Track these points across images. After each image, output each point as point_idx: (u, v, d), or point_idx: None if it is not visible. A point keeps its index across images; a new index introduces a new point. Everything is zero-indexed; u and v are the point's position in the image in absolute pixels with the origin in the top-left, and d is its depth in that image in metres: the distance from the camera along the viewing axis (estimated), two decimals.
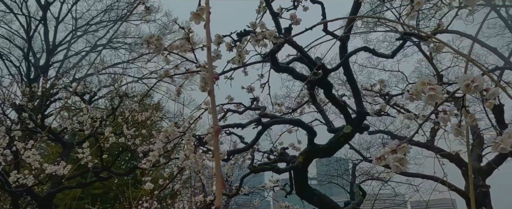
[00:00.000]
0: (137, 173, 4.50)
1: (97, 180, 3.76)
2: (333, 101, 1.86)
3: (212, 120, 1.50)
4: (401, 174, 8.45)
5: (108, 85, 4.70)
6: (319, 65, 1.49)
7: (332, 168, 10.57)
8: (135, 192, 5.14)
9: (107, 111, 4.32)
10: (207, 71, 1.35)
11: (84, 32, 11.67)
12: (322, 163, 10.76)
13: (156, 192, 1.78)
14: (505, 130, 0.72)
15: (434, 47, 1.03)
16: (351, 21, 1.76)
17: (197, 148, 1.32)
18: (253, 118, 1.80)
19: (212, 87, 0.30)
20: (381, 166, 3.26)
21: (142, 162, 1.15)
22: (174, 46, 1.58)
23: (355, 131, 1.91)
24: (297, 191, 2.05)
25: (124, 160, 8.59)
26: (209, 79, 0.32)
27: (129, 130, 3.68)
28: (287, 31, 1.36)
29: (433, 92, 0.77)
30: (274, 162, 2.16)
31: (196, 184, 3.48)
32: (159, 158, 2.73)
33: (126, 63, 10.79)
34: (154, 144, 1.24)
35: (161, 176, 3.48)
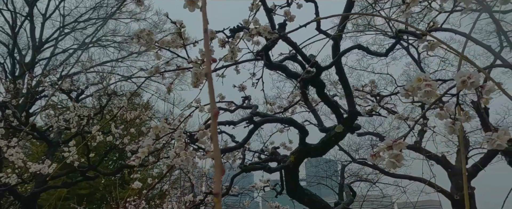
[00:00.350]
0: (125, 173, 4.42)
1: (83, 179, 3.67)
2: (325, 100, 1.86)
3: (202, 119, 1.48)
4: (389, 176, 8.56)
5: (96, 83, 4.60)
6: (312, 62, 1.48)
7: (322, 169, 10.62)
8: (123, 193, 5.05)
9: (95, 109, 4.24)
10: (198, 67, 1.33)
11: (72, 29, 11.45)
12: (312, 164, 10.80)
13: (144, 192, 1.74)
14: (501, 127, 0.72)
15: (428, 45, 1.03)
16: (344, 20, 1.76)
17: (187, 145, 1.29)
18: (245, 116, 1.78)
19: (209, 70, 0.28)
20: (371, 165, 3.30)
21: (131, 159, 1.12)
22: (165, 41, 1.55)
23: (346, 130, 1.91)
24: (288, 190, 2.04)
25: (112, 160, 8.45)
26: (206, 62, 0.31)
27: (117, 128, 3.61)
28: (281, 26, 1.35)
29: (429, 88, 0.77)
30: (265, 161, 2.14)
31: (185, 184, 3.43)
32: (148, 157, 2.69)
33: (115, 62, 10.63)
34: (144, 141, 1.21)
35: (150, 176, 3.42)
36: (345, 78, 1.94)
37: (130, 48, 11.17)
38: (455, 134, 0.88)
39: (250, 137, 1.72)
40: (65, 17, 11.19)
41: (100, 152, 5.79)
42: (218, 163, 0.24)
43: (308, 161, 10.81)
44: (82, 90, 4.33)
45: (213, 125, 0.26)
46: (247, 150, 2.20)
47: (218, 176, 0.24)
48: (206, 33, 0.35)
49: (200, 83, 1.43)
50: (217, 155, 0.24)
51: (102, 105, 4.06)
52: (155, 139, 1.32)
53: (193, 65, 1.35)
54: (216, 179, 0.24)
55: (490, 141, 0.71)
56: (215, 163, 0.25)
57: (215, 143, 0.25)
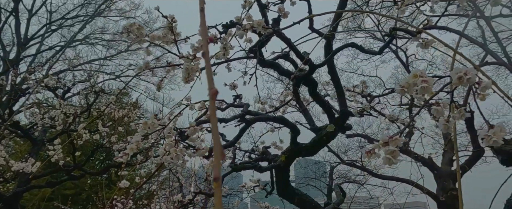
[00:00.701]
0: (112, 173, 4.33)
1: (68, 179, 3.57)
2: (317, 100, 1.85)
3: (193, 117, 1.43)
4: (377, 177, 8.66)
5: (83, 81, 4.50)
6: (306, 59, 1.46)
7: (310, 170, 10.66)
8: (109, 193, 4.94)
9: (81, 107, 4.14)
10: (190, 62, 1.30)
11: (59, 26, 11.20)
12: (301, 165, 10.84)
13: (132, 191, 1.69)
14: (496, 124, 0.72)
15: (422, 43, 1.02)
16: (337, 18, 1.75)
17: (178, 142, 1.26)
18: (236, 114, 1.76)
19: (206, 49, 0.26)
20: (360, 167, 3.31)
21: (118, 155, 1.08)
22: (156, 36, 1.51)
23: (338, 130, 1.91)
24: (278, 190, 2.02)
25: (99, 159, 8.28)
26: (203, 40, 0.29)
27: (105, 127, 3.53)
28: (275, 22, 1.33)
29: (426, 84, 0.76)
30: (255, 161, 2.12)
31: (174, 184, 3.38)
32: (137, 156, 2.63)
33: (103, 60, 10.45)
34: (132, 138, 1.17)
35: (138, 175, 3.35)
36: (337, 78, 1.94)
37: (119, 46, 11.00)
38: (449, 132, 0.88)
39: (241, 136, 1.70)
40: (52, 14, 10.96)
41: (86, 151, 5.66)
42: (217, 146, 0.22)
43: (297, 162, 10.85)
44: (69, 88, 4.22)
45: (212, 105, 0.24)
46: (237, 149, 2.18)
47: (217, 160, 0.22)
48: (203, 12, 0.33)
49: (191, 79, 1.40)
50: (216, 138, 0.22)
51: (89, 103, 3.97)
52: (144, 136, 1.29)
53: (184, 60, 1.32)
54: (215, 163, 0.22)
55: (486, 138, 0.70)
56: (214, 147, 0.22)
57: (214, 125, 0.23)
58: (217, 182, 0.22)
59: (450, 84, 0.92)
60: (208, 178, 2.32)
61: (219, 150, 0.22)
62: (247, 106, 1.87)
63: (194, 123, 1.24)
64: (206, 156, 1.86)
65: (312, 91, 1.77)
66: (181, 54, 1.35)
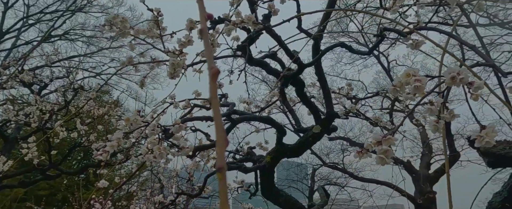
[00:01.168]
0: (90, 173, 4.18)
1: (43, 178, 3.41)
2: (304, 100, 1.83)
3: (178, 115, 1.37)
4: (357, 180, 8.79)
5: (62, 77, 4.32)
6: (296, 58, 1.44)
7: (293, 172, 10.71)
8: (87, 194, 4.77)
9: (59, 105, 3.97)
10: (176, 57, 1.25)
11: (37, 20, 10.79)
12: (284, 167, 10.87)
13: (111, 191, 1.62)
14: (488, 124, 0.72)
15: (413, 43, 1.02)
16: (325, 19, 1.75)
17: (161, 141, 1.21)
18: (222, 113, 1.72)
19: (204, 26, 0.22)
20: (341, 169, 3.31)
21: (98, 153, 1.02)
22: (141, 30, 1.45)
23: (324, 131, 1.90)
24: (263, 191, 1.99)
25: (76, 159, 8.00)
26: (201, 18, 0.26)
27: (83, 125, 3.39)
28: (266, 18, 1.30)
29: (419, 84, 0.75)
30: (240, 161, 2.09)
31: (155, 185, 3.29)
32: (117, 154, 2.54)
33: (83, 57, 10.13)
34: (113, 135, 1.11)
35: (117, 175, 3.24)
36: (324, 79, 1.93)
37: (100, 43, 10.71)
38: (439, 132, 0.87)
39: (227, 135, 1.66)
40: (29, 7, 10.55)
41: (63, 150, 5.45)
42: (220, 132, 0.19)
43: (280, 164, 10.87)
44: (46, 84, 4.05)
45: (213, 86, 0.21)
46: None
47: (221, 148, 0.19)
48: None
49: (177, 75, 1.36)
50: (218, 124, 0.19)
51: (67, 100, 3.82)
52: (126, 133, 1.23)
53: (170, 56, 1.28)
54: (218, 151, 0.19)
55: (478, 139, 0.70)
56: (217, 133, 0.19)
57: (215, 108, 0.20)
58: (221, 173, 0.19)
59: (439, 85, 0.92)
60: (191, 179, 2.27)
61: (222, 137, 0.19)
62: (233, 106, 1.84)
63: (179, 121, 1.19)
64: (190, 156, 1.81)
65: (299, 91, 1.76)
66: (167, 49, 1.31)
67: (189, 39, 1.27)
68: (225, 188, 0.19)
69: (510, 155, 0.92)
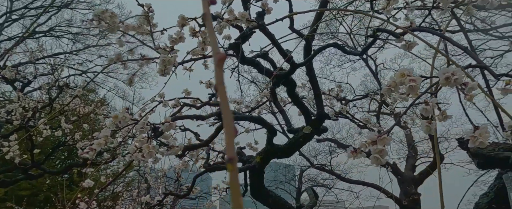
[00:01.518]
0: (74, 172, 4.07)
1: (24, 178, 3.30)
2: (295, 100, 1.83)
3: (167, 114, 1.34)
4: (344, 181, 8.87)
5: (46, 74, 4.20)
6: (289, 57, 1.44)
7: (280, 173, 10.72)
8: (70, 194, 4.65)
9: (43, 102, 3.86)
10: (167, 54, 1.23)
11: (21, 16, 10.49)
12: (271, 168, 10.88)
13: (96, 191, 1.58)
14: (481, 125, 0.72)
15: (406, 45, 1.03)
16: (317, 20, 1.75)
17: (150, 139, 1.18)
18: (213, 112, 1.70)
19: (207, 10, 0.21)
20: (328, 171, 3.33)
21: (84, 151, 0.99)
22: (130, 26, 1.42)
23: (314, 132, 1.90)
24: (252, 192, 1.98)
25: (60, 158, 7.79)
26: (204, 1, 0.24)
27: (68, 123, 3.30)
28: (259, 15, 1.29)
29: (414, 84, 0.75)
30: None
31: (142, 185, 3.23)
32: (103, 153, 2.48)
33: (68, 54, 9.90)
34: (100, 132, 1.08)
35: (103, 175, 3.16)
36: (315, 80, 1.93)
37: (87, 40, 10.49)
38: (431, 133, 0.88)
39: (217, 135, 1.64)
40: (13, 2, 10.25)
41: (46, 149, 5.30)
42: (228, 121, 0.17)
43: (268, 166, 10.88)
44: (29, 81, 3.93)
45: (219, 72, 0.19)
46: (211, 149, 2.11)
47: (230, 137, 0.17)
48: None
49: (167, 72, 1.33)
50: (226, 112, 0.17)
51: (51, 98, 3.71)
52: (113, 131, 1.20)
53: (161, 52, 1.25)
54: (228, 140, 0.17)
55: (472, 139, 0.70)
56: (225, 122, 0.18)
57: (222, 95, 0.18)
58: (232, 164, 0.17)
59: (432, 86, 0.92)
60: (179, 179, 2.23)
61: (231, 126, 0.18)
62: None
63: (169, 118, 1.16)
64: (179, 155, 1.78)
65: (290, 91, 1.75)
66: (157, 45, 1.28)
67: (180, 36, 1.25)
68: (236, 181, 0.17)
69: (499, 157, 0.94)
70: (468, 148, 1.04)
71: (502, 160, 0.91)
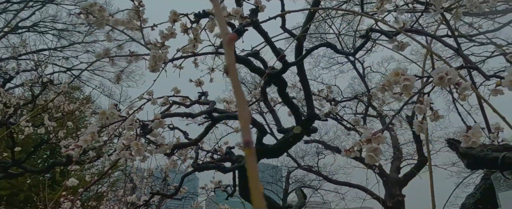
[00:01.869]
0: (57, 172, 3.96)
1: (4, 177, 3.18)
2: (286, 100, 1.82)
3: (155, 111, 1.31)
4: (331, 182, 8.95)
5: (29, 70, 4.07)
6: (282, 55, 1.43)
7: (268, 174, 10.73)
8: (52, 194, 4.52)
9: (25, 99, 3.74)
10: (158, 50, 1.20)
11: (2, 10, 10.17)
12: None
13: (80, 190, 1.53)
14: (474, 125, 0.73)
15: (398, 45, 1.03)
16: (309, 20, 1.75)
17: (139, 137, 1.15)
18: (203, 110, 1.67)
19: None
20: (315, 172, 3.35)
21: (69, 148, 0.95)
22: (120, 21, 1.39)
23: (304, 132, 1.89)
24: (241, 192, 1.96)
25: (41, 157, 7.57)
26: None
27: (52, 121, 3.20)
28: (253, 12, 1.28)
29: (408, 82, 0.76)
30: (218, 161, 2.04)
31: (127, 185, 3.16)
32: (89, 152, 2.41)
33: (53, 50, 9.65)
34: (87, 129, 1.04)
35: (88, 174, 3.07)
36: (306, 80, 1.93)
37: (72, 37, 10.25)
38: (422, 133, 0.88)
39: (206, 134, 1.61)
40: None
41: (27, 147, 5.14)
42: (242, 103, 0.16)
43: None
44: (11, 76, 3.80)
45: (229, 53, 0.18)
46: (199, 148, 2.08)
47: (245, 121, 0.16)
48: None
49: (157, 69, 1.30)
50: (239, 94, 0.16)
51: (34, 94, 3.60)
52: (100, 127, 1.16)
53: (151, 47, 1.22)
54: (243, 124, 0.16)
55: (465, 139, 0.71)
56: (239, 105, 0.16)
57: (233, 76, 0.17)
58: (249, 148, 0.16)
59: (425, 86, 0.93)
60: (166, 178, 2.19)
61: (245, 109, 0.16)
62: (213, 104, 1.80)
63: (159, 116, 1.14)
64: (168, 154, 1.74)
65: (281, 91, 1.74)
66: (148, 40, 1.25)
67: (171, 31, 1.22)
68: (255, 166, 0.16)
69: (488, 157, 0.95)
70: (457, 149, 1.06)
71: (491, 160, 0.93)
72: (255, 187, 0.15)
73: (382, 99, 2.57)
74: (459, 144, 1.12)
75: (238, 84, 0.16)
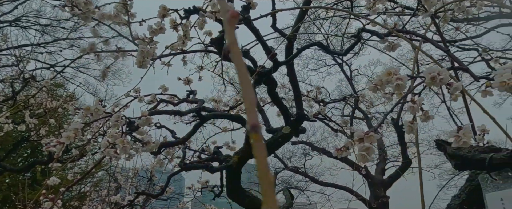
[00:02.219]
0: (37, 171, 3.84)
1: None
2: (275, 100, 1.81)
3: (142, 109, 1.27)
4: (317, 184, 9.00)
5: (10, 65, 3.93)
6: (273, 53, 1.41)
7: (255, 175, 10.72)
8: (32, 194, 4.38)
9: (5, 96, 3.61)
10: (146, 45, 1.17)
11: None
12: (246, 170, 10.84)
13: (62, 189, 1.47)
14: (464, 125, 0.73)
15: (390, 45, 1.03)
16: (299, 20, 1.75)
17: (125, 134, 1.11)
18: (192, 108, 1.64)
19: None
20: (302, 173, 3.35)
21: (50, 144, 0.91)
22: (107, 15, 1.34)
23: (293, 132, 1.89)
24: (228, 192, 1.93)
25: (22, 156, 7.33)
26: None
27: (33, 118, 3.09)
28: (245, 9, 1.26)
29: (401, 82, 0.75)
30: (206, 161, 2.01)
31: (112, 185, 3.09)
32: (72, 150, 2.34)
33: (36, 46, 9.37)
34: (70, 125, 1.00)
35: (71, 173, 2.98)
36: (295, 80, 1.93)
37: (56, 33, 9.98)
38: (413, 133, 0.88)
39: (195, 132, 1.58)
40: None
41: (7, 145, 4.97)
42: (247, 85, 0.14)
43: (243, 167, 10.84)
44: None
45: (231, 30, 0.16)
46: (187, 148, 2.05)
47: (251, 103, 0.14)
48: None
49: (145, 65, 1.27)
50: (243, 74, 0.14)
51: (15, 90, 3.47)
52: (84, 124, 1.12)
53: (139, 42, 1.19)
54: (248, 107, 0.14)
55: (456, 139, 0.71)
56: (243, 85, 0.14)
57: (237, 56, 0.15)
58: (256, 132, 0.14)
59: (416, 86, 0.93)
60: (152, 178, 2.15)
61: (250, 91, 0.14)
62: (202, 102, 1.77)
63: (146, 112, 1.10)
64: (155, 152, 1.71)
65: (271, 90, 1.73)
66: (136, 35, 1.21)
67: (160, 26, 1.19)
68: (263, 152, 0.14)
69: (476, 158, 0.96)
70: (445, 150, 1.07)
71: (479, 161, 0.94)
72: (265, 177, 0.14)
73: (370, 101, 2.59)
74: (448, 145, 1.13)
75: (242, 63, 0.15)
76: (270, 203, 0.13)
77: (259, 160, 0.14)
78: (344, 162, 8.77)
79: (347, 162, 8.31)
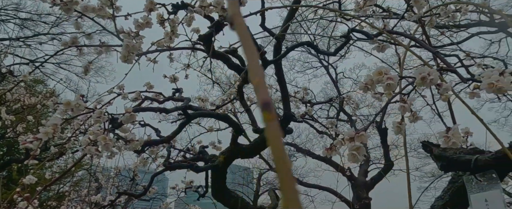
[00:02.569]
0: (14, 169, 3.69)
1: None
2: None
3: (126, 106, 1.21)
4: (301, 185, 9.05)
5: None
6: (262, 51, 1.40)
7: (239, 176, 10.68)
8: (7, 194, 4.20)
9: None
10: (132, 39, 1.13)
11: None
12: (231, 171, 10.80)
13: (39, 188, 1.41)
14: (453, 126, 0.74)
15: (379, 46, 1.03)
16: (288, 20, 1.74)
17: (107, 131, 1.07)
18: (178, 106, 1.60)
19: None
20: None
21: (27, 140, 0.86)
22: (90, 7, 1.30)
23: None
24: (213, 192, 1.90)
25: None
26: None
27: (10, 114, 2.96)
28: None
29: (391, 81, 0.75)
30: (191, 160, 1.98)
31: (92, 185, 2.99)
32: (50, 148, 2.25)
33: (14, 40, 9.05)
34: (48, 120, 0.95)
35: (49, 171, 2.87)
36: (283, 80, 1.92)
37: (37, 28, 9.67)
38: (401, 134, 0.89)
39: (180, 131, 1.55)
40: None
41: None
42: (254, 59, 0.12)
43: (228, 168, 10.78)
44: None
45: (233, 2, 0.14)
46: (172, 147, 2.00)
47: (259, 78, 0.12)
48: None
49: (130, 60, 1.23)
50: (248, 45, 0.12)
51: None
52: (64, 119, 1.07)
53: (124, 37, 1.14)
54: (257, 82, 0.12)
55: (445, 139, 0.71)
56: (249, 62, 0.12)
57: (240, 27, 0.13)
58: (269, 111, 0.12)
59: (405, 86, 0.94)
60: (135, 177, 2.09)
61: (257, 66, 0.13)
62: (188, 100, 1.73)
63: (131, 109, 1.07)
64: (138, 151, 1.66)
65: None
66: (120, 28, 1.17)
67: (147, 20, 1.16)
68: (279, 135, 0.12)
69: (461, 160, 0.97)
70: (431, 151, 1.08)
71: (464, 163, 0.95)
72: (282, 162, 0.12)
73: (356, 103, 2.61)
74: (434, 146, 1.14)
75: (247, 36, 0.13)
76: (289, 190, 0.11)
77: (273, 143, 0.12)
78: (328, 163, 8.86)
79: (331, 163, 8.41)
